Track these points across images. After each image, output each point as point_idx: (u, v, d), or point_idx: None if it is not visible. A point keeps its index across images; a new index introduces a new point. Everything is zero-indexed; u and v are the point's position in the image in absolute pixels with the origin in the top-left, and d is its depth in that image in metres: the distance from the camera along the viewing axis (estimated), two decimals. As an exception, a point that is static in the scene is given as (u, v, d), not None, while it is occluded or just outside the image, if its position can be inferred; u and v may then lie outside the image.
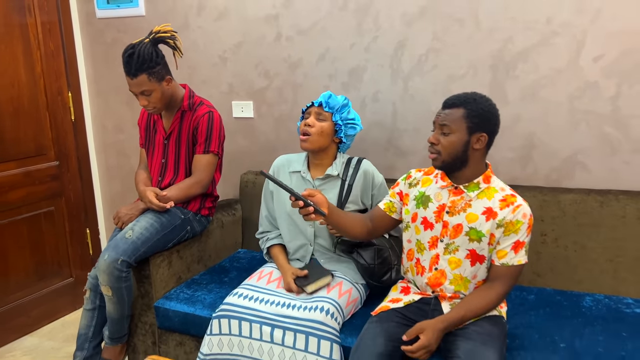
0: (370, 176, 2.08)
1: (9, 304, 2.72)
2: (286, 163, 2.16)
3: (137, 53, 2.07)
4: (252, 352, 1.87)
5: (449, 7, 2.25)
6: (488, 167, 1.74)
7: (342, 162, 2.10)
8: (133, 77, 2.10)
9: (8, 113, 2.65)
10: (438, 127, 1.68)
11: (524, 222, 1.64)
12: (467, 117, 1.63)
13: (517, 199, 1.67)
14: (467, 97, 1.66)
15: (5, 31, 2.61)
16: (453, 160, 1.67)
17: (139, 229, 2.10)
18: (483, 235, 1.67)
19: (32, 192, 2.79)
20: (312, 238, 2.09)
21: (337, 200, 2.05)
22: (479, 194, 1.70)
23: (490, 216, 1.66)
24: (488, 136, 1.66)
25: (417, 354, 1.58)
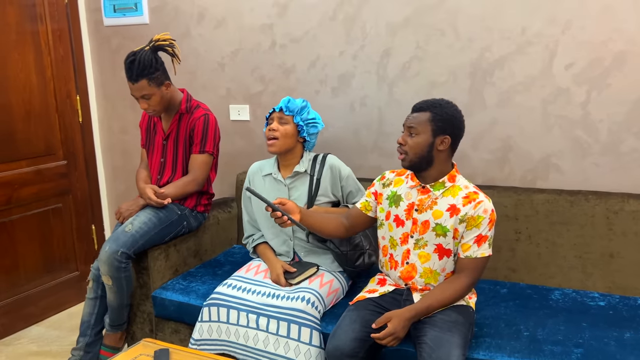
0: (336, 170, 2.22)
1: (19, 295, 2.89)
2: (259, 168, 2.33)
3: (137, 60, 2.23)
4: (238, 338, 2.02)
5: (430, 18, 2.38)
6: (454, 167, 1.87)
7: (308, 160, 2.25)
8: (134, 82, 2.26)
9: (20, 115, 2.83)
10: (406, 129, 1.82)
11: (485, 217, 1.77)
12: (433, 121, 1.78)
13: (479, 195, 1.80)
14: (434, 102, 1.81)
15: (18, 38, 2.79)
16: (419, 160, 1.80)
17: (138, 223, 2.26)
18: (448, 230, 1.80)
19: (42, 189, 2.97)
20: (291, 234, 2.24)
21: (307, 195, 2.20)
22: (444, 192, 1.83)
23: (454, 212, 1.80)
24: (451, 139, 1.80)
25: (385, 340, 1.71)
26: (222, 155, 2.85)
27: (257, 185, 2.31)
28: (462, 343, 1.68)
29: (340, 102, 2.63)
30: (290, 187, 2.24)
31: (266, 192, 2.26)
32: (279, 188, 2.25)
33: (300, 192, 2.23)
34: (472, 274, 1.81)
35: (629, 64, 2.11)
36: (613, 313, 1.94)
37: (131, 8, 3.04)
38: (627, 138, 2.16)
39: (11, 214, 2.82)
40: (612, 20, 2.10)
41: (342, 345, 1.75)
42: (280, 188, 2.25)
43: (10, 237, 2.83)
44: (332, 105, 2.65)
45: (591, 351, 1.69)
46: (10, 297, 2.85)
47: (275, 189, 2.25)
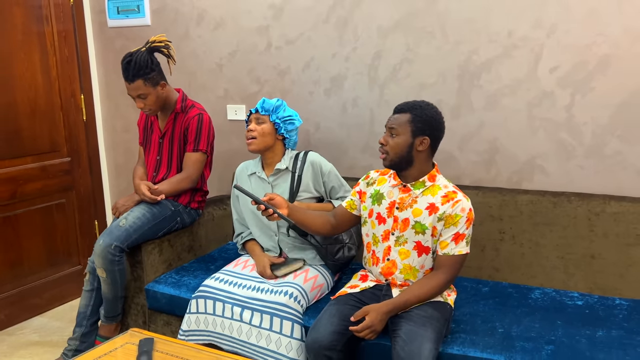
0: (317, 166, 2.28)
1: (23, 286, 3.00)
2: (245, 168, 2.40)
3: (134, 60, 2.32)
4: (224, 329, 2.09)
5: (420, 22, 2.43)
6: (434, 167, 1.92)
7: (290, 157, 2.31)
8: (130, 82, 2.34)
9: (26, 113, 2.93)
10: (388, 130, 1.88)
11: (463, 216, 1.82)
12: (412, 122, 1.83)
13: (458, 195, 1.85)
14: (415, 104, 1.86)
15: (24, 39, 2.89)
16: (399, 159, 1.86)
17: (132, 218, 2.34)
18: (426, 228, 1.85)
19: (46, 185, 3.07)
20: (276, 229, 2.30)
21: (289, 191, 2.27)
22: (424, 191, 1.88)
23: (433, 211, 1.85)
24: (431, 140, 1.85)
25: (362, 333, 1.76)
26: (218, 154, 2.93)
27: (243, 184, 2.38)
28: (435, 337, 1.73)
29: (332, 103, 2.69)
30: (273, 184, 2.30)
31: (252, 190, 2.33)
32: (263, 186, 2.31)
33: (282, 189, 2.29)
34: (450, 271, 1.85)
35: (612, 68, 2.14)
36: (589, 312, 1.97)
37: (134, 10, 3.14)
38: (610, 141, 2.19)
39: (16, 209, 2.92)
40: (596, 24, 2.13)
41: (320, 338, 1.81)
42: (264, 186, 2.31)
43: (15, 231, 2.93)
44: (325, 106, 2.71)
45: (562, 348, 1.73)
46: (15, 288, 2.95)
47: (260, 187, 2.32)
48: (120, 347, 1.81)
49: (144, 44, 2.39)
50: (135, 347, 1.79)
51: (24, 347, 2.74)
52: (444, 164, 2.50)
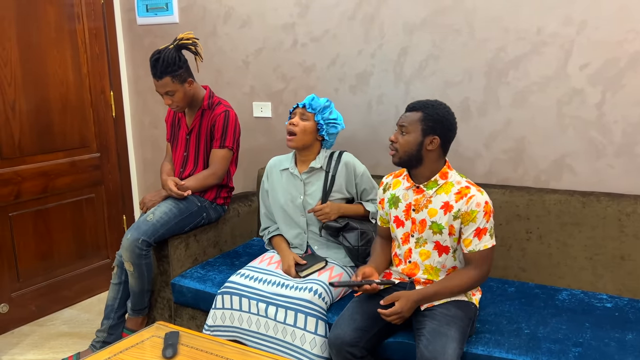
0: (351, 167, 2.28)
1: (54, 278, 3.07)
2: (277, 163, 2.40)
3: (162, 58, 2.35)
4: (250, 325, 2.11)
5: (447, 19, 2.41)
6: (445, 163, 1.90)
7: (325, 156, 2.31)
8: (158, 79, 2.37)
9: (57, 109, 3.00)
10: (398, 127, 1.87)
11: (479, 211, 1.80)
12: (423, 120, 1.82)
13: (471, 190, 1.83)
14: (427, 103, 1.85)
15: (57, 36, 2.96)
16: (409, 157, 1.85)
17: (159, 213, 2.38)
18: (443, 227, 1.84)
19: (76, 179, 3.14)
20: (305, 227, 2.31)
21: (322, 190, 2.27)
22: (438, 190, 1.87)
23: (447, 209, 1.84)
24: (441, 140, 1.83)
25: (390, 317, 1.77)
26: (244, 151, 2.96)
27: (274, 178, 2.38)
28: (459, 337, 1.72)
29: (358, 100, 2.69)
30: (305, 182, 2.31)
31: (283, 186, 2.34)
32: (295, 182, 2.32)
33: (315, 187, 2.30)
34: (480, 266, 1.84)
35: (645, 65, 2.09)
36: (619, 315, 1.94)
37: (162, 8, 3.18)
38: (642, 140, 2.14)
39: (47, 203, 3.00)
40: (627, 20, 2.08)
41: (343, 334, 1.82)
42: (296, 182, 2.32)
43: (46, 224, 3.01)
44: (350, 103, 2.71)
45: (589, 351, 1.70)
46: (45, 280, 3.03)
47: (291, 183, 2.33)
48: (147, 339, 1.84)
49: (172, 41, 2.42)
50: (161, 340, 1.82)
51: (54, 338, 2.81)
52: (470, 161, 2.48)
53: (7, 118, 2.76)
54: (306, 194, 2.30)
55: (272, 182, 2.39)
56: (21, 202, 2.87)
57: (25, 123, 2.84)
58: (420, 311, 1.85)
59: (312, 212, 2.25)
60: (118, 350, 1.80)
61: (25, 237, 2.91)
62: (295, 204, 2.31)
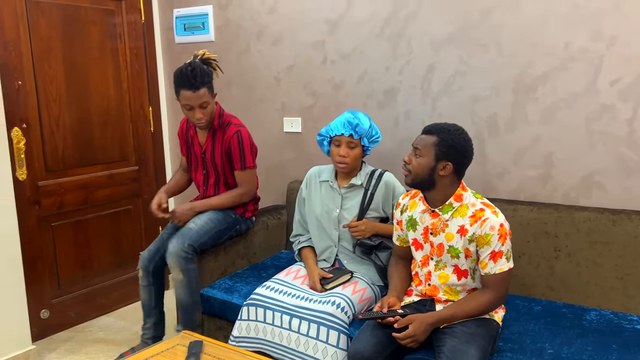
0: (391, 187, 2.30)
1: (92, 286, 3.20)
2: (318, 173, 2.44)
3: (198, 68, 2.34)
4: (273, 337, 2.14)
5: (474, 34, 2.41)
6: (460, 185, 1.89)
7: (366, 174, 2.33)
8: (196, 89, 2.33)
9: (98, 124, 3.14)
10: (413, 149, 1.87)
11: (493, 234, 1.78)
12: (437, 145, 1.81)
13: (485, 212, 1.81)
14: (444, 127, 1.85)
15: (100, 55, 3.11)
16: (421, 180, 1.85)
17: (200, 222, 2.43)
18: (459, 251, 1.84)
19: (115, 192, 3.27)
20: (336, 240, 2.34)
21: (359, 207, 2.29)
22: (454, 214, 1.86)
23: (463, 233, 1.83)
24: (454, 166, 1.82)
25: (404, 341, 1.77)
26: (273, 165, 3.02)
27: (313, 188, 2.43)
28: (479, 355, 1.70)
29: (385, 115, 2.71)
30: (344, 196, 2.34)
31: (321, 197, 2.38)
32: (334, 196, 2.36)
33: (353, 203, 2.32)
34: (496, 289, 1.82)
35: (679, 80, 2.04)
36: (648, 337, 1.88)
37: (199, 27, 3.30)
38: (676, 157, 2.08)
39: (87, 214, 3.13)
40: (660, 35, 2.04)
41: (362, 349, 1.83)
42: (334, 195, 2.35)
43: (86, 234, 3.14)
44: (377, 119, 2.72)
45: (614, 373, 1.65)
46: (84, 288, 3.16)
47: (329, 196, 2.37)
48: (172, 348, 1.91)
49: (194, 57, 2.44)
50: (185, 349, 1.88)
51: (90, 344, 2.92)
52: (497, 177, 2.46)
53: (52, 132, 2.92)
54: (343, 208, 2.33)
55: (310, 191, 2.43)
56: (63, 213, 3.01)
57: (68, 137, 2.99)
58: (439, 328, 1.84)
59: (348, 227, 2.27)
60: (143, 357, 1.87)
61: (66, 246, 3.05)
62: (331, 216, 2.34)
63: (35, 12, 2.79)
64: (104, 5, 3.11)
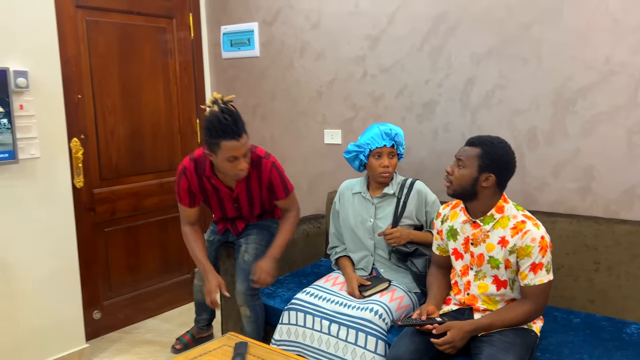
0: (423, 195, 2.36)
1: (140, 290, 3.35)
2: (350, 186, 2.52)
3: (235, 114, 2.14)
4: (313, 341, 2.22)
5: (514, 48, 2.45)
6: (501, 197, 1.92)
7: (398, 183, 2.40)
8: (240, 137, 2.13)
9: (150, 135, 3.31)
10: (456, 160, 1.92)
11: (534, 246, 1.81)
12: (481, 157, 1.86)
13: (526, 225, 1.84)
14: (487, 139, 1.89)
15: (152, 71, 3.29)
16: (462, 191, 1.90)
17: (252, 251, 2.48)
18: (499, 262, 1.87)
19: (164, 200, 3.42)
20: (372, 249, 2.40)
21: (393, 216, 2.35)
22: (495, 225, 1.90)
23: (504, 245, 1.86)
24: (496, 177, 1.86)
25: (442, 347, 1.82)
26: (315, 175, 3.11)
27: (346, 201, 2.51)
28: (516, 363, 1.73)
29: (424, 128, 2.77)
30: (377, 206, 2.41)
31: (355, 208, 2.46)
32: (367, 206, 2.43)
33: (386, 212, 2.39)
34: (535, 300, 1.85)
35: None
36: (690, 352, 1.86)
37: (245, 43, 3.44)
38: None
39: (137, 220, 3.30)
40: (703, 48, 2.04)
41: (401, 355, 1.88)
42: (367, 206, 2.43)
43: (135, 240, 3.30)
44: (416, 131, 2.79)
45: (653, 386, 1.66)
46: (132, 291, 3.31)
47: (363, 206, 2.44)
48: (219, 348, 2.00)
49: (213, 102, 2.18)
50: (231, 349, 1.98)
51: (138, 345, 3.06)
52: (537, 190, 2.47)
53: (107, 143, 3.10)
54: (377, 218, 2.40)
55: (343, 203, 2.51)
56: (115, 219, 3.18)
57: (121, 147, 3.17)
58: (477, 336, 1.87)
59: (383, 235, 2.34)
60: (192, 356, 1.98)
61: (117, 251, 3.21)
62: (365, 226, 2.41)
63: (95, 30, 2.98)
64: (157, 23, 3.29)
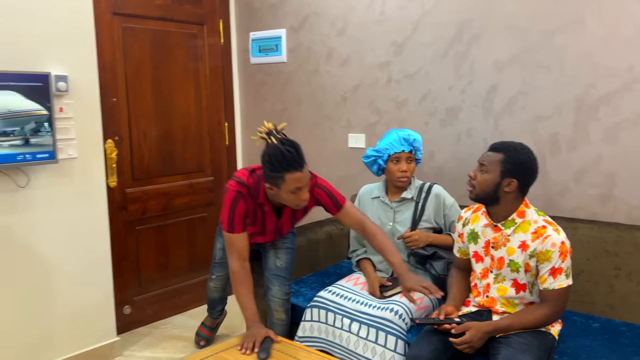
0: (441, 199, 2.40)
1: (169, 287, 3.47)
2: (369, 191, 2.59)
3: (296, 145, 2.11)
4: (334, 338, 2.29)
5: (536, 56, 2.49)
6: (523, 202, 1.96)
7: (416, 187, 2.45)
8: (302, 168, 2.09)
9: (180, 138, 3.43)
10: (479, 165, 1.97)
11: (554, 251, 1.84)
12: (503, 162, 1.90)
13: (547, 230, 1.88)
14: (510, 145, 1.93)
15: (183, 75, 3.41)
16: (485, 195, 1.94)
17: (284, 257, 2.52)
18: (519, 266, 1.91)
19: (192, 200, 3.54)
20: None
21: (411, 219, 2.40)
22: (516, 229, 1.94)
23: (524, 249, 1.90)
24: (519, 183, 1.90)
25: (460, 347, 1.87)
26: (339, 178, 3.18)
27: (365, 205, 2.57)
28: (532, 365, 1.77)
29: (447, 133, 2.82)
30: (396, 210, 2.47)
31: (374, 212, 2.52)
32: (385, 209, 2.49)
33: (405, 216, 2.45)
34: (554, 305, 1.88)
35: None
36: None
37: (273, 49, 3.54)
38: None
39: (167, 219, 3.41)
40: None
41: (420, 354, 1.93)
42: (386, 210, 2.49)
43: (165, 238, 3.42)
44: (439, 136, 2.84)
45: (669, 390, 1.68)
46: (161, 288, 3.43)
47: (382, 211, 2.50)
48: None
49: (268, 135, 2.15)
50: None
51: (166, 340, 3.17)
52: (558, 195, 2.50)
53: (140, 145, 3.22)
54: (395, 221, 2.46)
55: (363, 208, 2.58)
56: (146, 218, 3.30)
57: (153, 149, 3.29)
58: (495, 337, 1.92)
59: (402, 238, 2.39)
60: (220, 349, 2.07)
61: (147, 249, 3.33)
62: (385, 230, 2.47)
63: (130, 36, 3.11)
64: (189, 30, 3.41)
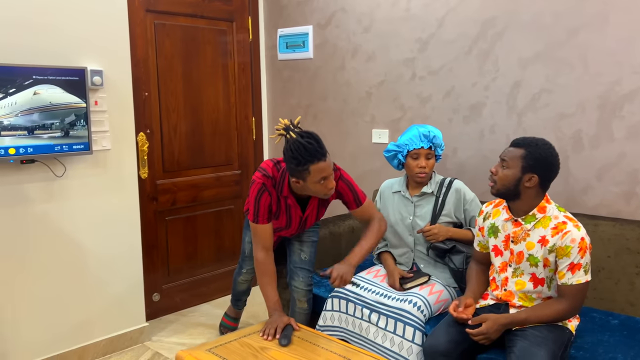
0: (461, 193, 2.43)
1: (196, 276, 3.58)
2: (390, 186, 2.63)
3: (315, 135, 2.15)
4: (354, 328, 2.35)
5: (560, 53, 2.49)
6: (544, 197, 1.98)
7: (436, 182, 2.49)
8: (326, 158, 2.13)
9: (209, 132, 3.53)
10: (500, 160, 1.99)
11: (574, 247, 1.86)
12: (524, 158, 1.92)
13: (567, 225, 1.90)
14: (532, 141, 1.95)
15: (212, 71, 3.51)
16: (506, 191, 1.96)
17: (308, 250, 2.60)
18: (538, 260, 1.94)
19: (220, 192, 3.64)
20: (412, 246, 2.50)
21: (431, 213, 2.44)
22: (536, 224, 1.96)
23: (544, 244, 1.92)
24: (539, 178, 1.92)
25: (477, 337, 1.91)
26: (362, 173, 3.23)
27: (387, 200, 2.62)
28: (548, 357, 1.80)
29: (470, 129, 2.84)
30: (416, 204, 2.52)
31: (395, 206, 2.57)
32: (406, 204, 2.54)
33: (425, 210, 2.49)
34: (572, 299, 1.90)
35: None
36: None
37: (299, 45, 3.60)
38: None
39: (195, 210, 3.52)
40: None
41: (437, 344, 1.98)
42: (407, 204, 2.54)
43: (193, 229, 3.53)
44: (462, 132, 2.87)
45: (685, 386, 1.69)
46: (189, 277, 3.54)
47: (402, 204, 2.55)
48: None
49: (286, 131, 2.20)
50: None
51: (193, 327, 3.28)
52: (580, 192, 2.50)
53: (170, 138, 3.33)
54: (416, 215, 2.50)
55: (384, 202, 2.63)
56: (175, 209, 3.41)
57: (183, 142, 3.40)
58: (512, 330, 1.95)
59: (422, 232, 2.44)
60: (243, 334, 2.15)
61: (176, 239, 3.45)
62: (405, 223, 2.52)
63: (162, 33, 3.22)
64: (218, 26, 3.51)
